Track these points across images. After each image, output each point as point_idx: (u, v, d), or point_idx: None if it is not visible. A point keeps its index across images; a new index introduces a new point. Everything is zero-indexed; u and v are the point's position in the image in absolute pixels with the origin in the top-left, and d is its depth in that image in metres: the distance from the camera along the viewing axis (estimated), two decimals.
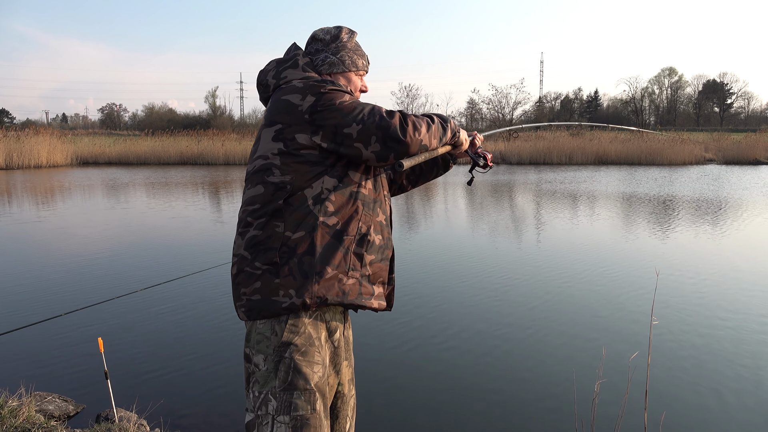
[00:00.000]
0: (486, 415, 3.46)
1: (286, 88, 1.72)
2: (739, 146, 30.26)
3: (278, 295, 1.61)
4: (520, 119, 49.40)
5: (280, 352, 1.61)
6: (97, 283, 6.40)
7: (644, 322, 4.89)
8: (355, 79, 1.90)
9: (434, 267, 7.14)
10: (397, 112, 1.69)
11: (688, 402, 3.55)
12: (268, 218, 1.64)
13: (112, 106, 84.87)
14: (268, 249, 1.63)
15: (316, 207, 1.64)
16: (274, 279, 1.62)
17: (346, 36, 1.88)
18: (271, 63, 1.86)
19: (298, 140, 1.65)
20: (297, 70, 1.78)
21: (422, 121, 1.74)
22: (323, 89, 1.66)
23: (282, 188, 1.64)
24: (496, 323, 5.01)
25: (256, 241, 1.65)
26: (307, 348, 1.63)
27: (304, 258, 1.62)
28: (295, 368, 1.60)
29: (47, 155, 27.21)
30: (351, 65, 1.88)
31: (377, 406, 3.55)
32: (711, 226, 10.09)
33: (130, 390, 3.71)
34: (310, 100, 1.65)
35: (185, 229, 10.12)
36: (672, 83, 77.49)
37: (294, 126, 1.65)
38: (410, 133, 1.67)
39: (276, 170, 1.65)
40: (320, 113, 1.64)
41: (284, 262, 1.62)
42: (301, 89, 1.68)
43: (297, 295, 1.60)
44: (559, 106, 73.35)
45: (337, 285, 1.66)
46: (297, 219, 1.64)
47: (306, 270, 1.62)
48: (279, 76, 1.80)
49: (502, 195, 15.64)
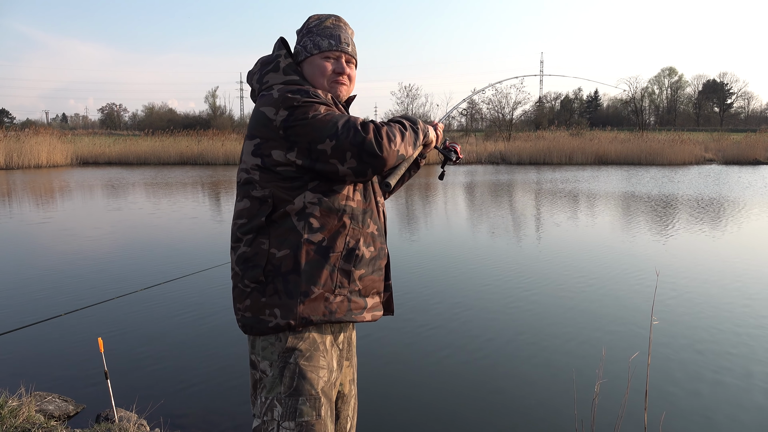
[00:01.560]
0: (486, 415, 3.46)
1: (265, 98, 1.66)
2: (739, 146, 30.26)
3: (265, 315, 1.60)
4: (520, 119, 49.38)
5: (284, 357, 1.60)
6: (97, 283, 6.40)
7: (644, 322, 4.89)
8: (321, 61, 1.77)
9: (433, 267, 7.14)
10: (371, 124, 1.61)
11: (688, 402, 3.55)
12: (254, 234, 1.62)
13: (112, 106, 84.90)
14: (254, 266, 1.61)
15: (300, 224, 1.60)
16: (261, 298, 1.60)
17: (314, 21, 1.80)
18: (256, 64, 1.81)
19: (273, 157, 1.60)
20: (278, 74, 1.72)
21: (395, 131, 1.66)
22: (296, 102, 1.59)
23: (265, 203, 1.61)
24: (495, 323, 5.01)
25: (245, 257, 1.63)
26: (312, 353, 1.62)
27: (289, 277, 1.59)
28: (300, 374, 1.59)
29: (47, 155, 27.19)
30: (313, 48, 1.77)
31: (376, 407, 3.55)
32: (711, 226, 10.09)
33: (130, 390, 3.71)
34: (282, 114, 1.59)
35: (185, 229, 10.11)
36: (672, 83, 77.58)
37: (270, 141, 1.61)
38: (386, 146, 1.59)
39: (257, 185, 1.63)
40: (293, 129, 1.58)
41: (269, 280, 1.60)
42: (275, 101, 1.61)
43: (282, 316, 1.59)
44: (559, 106, 73.39)
45: (323, 305, 1.62)
46: (281, 236, 1.60)
47: (291, 290, 1.59)
48: (261, 80, 1.75)
49: (502, 195, 15.63)
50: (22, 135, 28.29)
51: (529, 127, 50.41)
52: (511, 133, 40.38)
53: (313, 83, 1.76)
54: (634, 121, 60.86)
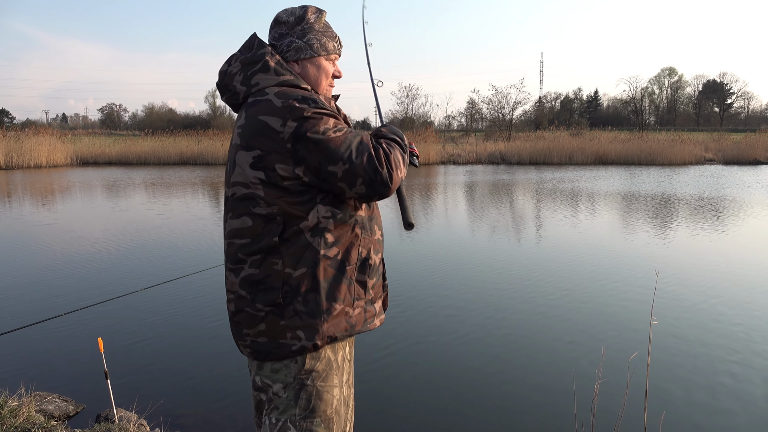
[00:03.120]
0: (486, 415, 3.46)
1: (263, 105, 1.52)
2: (739, 146, 30.26)
3: (286, 338, 1.53)
4: (520, 119, 49.35)
5: (301, 380, 1.56)
6: (97, 283, 6.40)
7: (644, 322, 4.89)
8: (326, 64, 1.69)
9: (432, 267, 7.13)
10: (380, 150, 1.55)
11: (688, 402, 3.55)
12: (263, 255, 1.52)
13: (112, 106, 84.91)
14: (268, 289, 1.52)
15: (315, 240, 1.53)
16: (279, 321, 1.53)
17: (313, 16, 1.67)
18: (234, 63, 1.63)
19: (279, 171, 1.50)
20: (269, 75, 1.58)
21: (398, 156, 1.60)
22: (306, 113, 1.49)
23: (272, 220, 1.52)
24: (495, 323, 5.01)
25: (254, 280, 1.54)
26: (327, 372, 1.60)
27: (309, 296, 1.53)
28: (317, 395, 1.57)
29: (47, 155, 27.20)
30: (320, 49, 1.67)
31: (376, 408, 3.55)
32: (711, 226, 10.09)
33: (130, 390, 3.71)
34: (291, 126, 1.48)
35: (186, 229, 10.11)
36: (672, 83, 77.56)
37: (274, 154, 1.49)
38: (395, 176, 1.55)
39: (261, 201, 1.52)
40: (303, 143, 1.48)
41: (288, 302, 1.52)
42: (280, 110, 1.49)
43: (307, 337, 1.53)
44: (559, 106, 73.40)
45: (345, 319, 1.59)
46: (296, 254, 1.52)
47: (312, 309, 1.53)
48: (249, 82, 1.59)
49: (502, 195, 15.63)
50: (22, 135, 28.31)
51: (529, 127, 50.40)
52: (511, 133, 40.36)
53: (315, 85, 1.69)
54: (634, 121, 60.87)
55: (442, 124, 55.85)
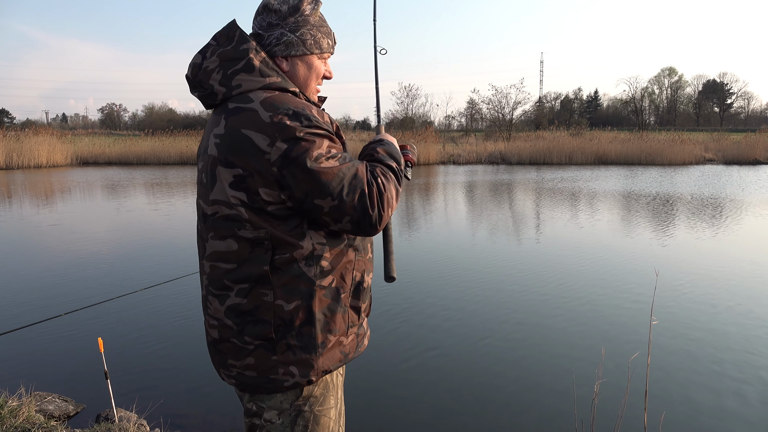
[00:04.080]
0: (485, 415, 3.46)
1: (247, 116, 1.34)
2: (739, 146, 30.24)
3: (278, 374, 1.42)
4: (520, 119, 49.37)
5: (298, 407, 1.47)
6: (97, 283, 6.40)
7: (644, 322, 4.89)
8: (318, 63, 1.52)
9: (431, 267, 7.13)
10: (374, 185, 1.40)
11: (688, 402, 3.55)
12: (251, 284, 1.38)
13: (112, 106, 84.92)
14: (258, 321, 1.39)
15: (310, 270, 1.39)
16: (271, 356, 1.41)
17: (308, 7, 1.47)
18: (211, 57, 1.42)
19: (263, 196, 1.34)
20: (253, 76, 1.40)
21: (393, 190, 1.45)
22: (298, 132, 1.31)
23: (260, 244, 1.36)
24: (495, 323, 5.01)
25: (241, 310, 1.40)
26: (325, 396, 1.51)
27: (303, 329, 1.41)
28: (314, 420, 1.49)
29: (47, 155, 27.19)
30: (313, 46, 1.49)
31: (376, 409, 3.55)
32: (710, 225, 10.08)
33: (130, 390, 3.71)
34: (280, 147, 1.30)
35: (186, 229, 10.11)
36: (672, 83, 77.57)
37: (257, 177, 1.32)
38: (386, 216, 1.42)
39: (247, 224, 1.36)
40: (291, 169, 1.31)
41: (280, 337, 1.40)
42: (268, 127, 1.31)
43: (301, 374, 1.42)
44: (558, 106, 73.40)
45: (339, 350, 1.49)
46: (288, 285, 1.38)
47: (307, 343, 1.42)
48: (230, 82, 1.40)
49: (502, 194, 15.63)
50: (22, 135, 28.30)
51: (529, 127, 50.40)
52: (511, 133, 40.36)
53: (303, 86, 1.52)
54: (634, 121, 60.91)
55: (442, 124, 55.97)
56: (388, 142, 1.60)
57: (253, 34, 1.49)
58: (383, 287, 5.84)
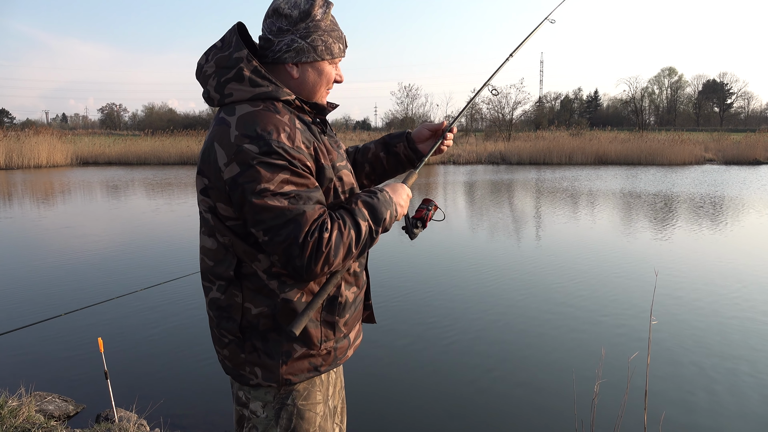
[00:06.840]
0: (485, 415, 3.46)
1: (222, 131, 1.33)
2: (738, 146, 30.22)
3: (245, 371, 1.45)
4: (520, 119, 49.33)
5: (281, 399, 1.46)
6: (97, 283, 6.40)
7: (643, 321, 4.89)
8: (329, 69, 1.48)
9: (431, 267, 7.13)
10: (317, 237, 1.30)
11: (687, 402, 3.56)
12: (226, 284, 1.42)
13: (112, 106, 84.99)
14: (229, 319, 1.43)
15: (272, 282, 1.38)
16: (240, 353, 1.44)
17: (320, 11, 1.42)
18: (210, 61, 1.42)
19: (220, 210, 1.37)
20: (243, 86, 1.37)
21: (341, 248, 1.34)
22: (251, 160, 1.28)
23: (228, 250, 1.40)
24: (495, 323, 5.01)
25: (218, 305, 1.44)
26: (309, 390, 1.50)
27: (269, 335, 1.41)
28: (298, 414, 1.48)
29: (47, 155, 27.18)
30: (325, 52, 1.44)
31: (375, 410, 3.55)
32: (710, 225, 10.08)
33: (130, 390, 3.71)
34: (232, 170, 1.29)
35: (186, 229, 10.10)
36: (672, 83, 77.58)
37: (216, 191, 1.35)
38: (317, 270, 1.32)
39: (215, 230, 1.41)
40: (235, 193, 1.31)
41: (247, 337, 1.42)
42: (229, 146, 1.30)
43: (263, 377, 1.43)
44: (559, 106, 73.41)
45: (308, 362, 1.45)
46: (254, 291, 1.40)
47: (271, 349, 1.42)
48: (222, 89, 1.39)
49: (502, 194, 15.63)
50: (22, 135, 28.31)
51: (529, 127, 50.36)
52: (511, 133, 40.34)
53: (311, 92, 1.49)
54: (634, 121, 60.92)
55: None
56: (384, 198, 1.46)
57: (262, 38, 1.46)
58: (383, 285, 5.83)
